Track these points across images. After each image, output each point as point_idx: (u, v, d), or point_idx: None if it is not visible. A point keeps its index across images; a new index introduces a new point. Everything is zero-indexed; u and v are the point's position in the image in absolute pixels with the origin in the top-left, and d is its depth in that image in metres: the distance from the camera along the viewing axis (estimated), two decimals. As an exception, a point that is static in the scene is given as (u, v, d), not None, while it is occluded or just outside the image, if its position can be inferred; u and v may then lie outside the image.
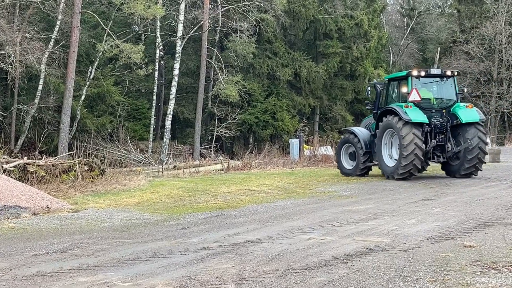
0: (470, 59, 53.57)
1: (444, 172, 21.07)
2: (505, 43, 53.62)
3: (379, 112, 21.19)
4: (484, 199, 14.98)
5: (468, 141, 19.30)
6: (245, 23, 38.95)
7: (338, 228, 11.20)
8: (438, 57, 56.93)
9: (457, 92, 20.65)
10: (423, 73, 20.30)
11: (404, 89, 20.38)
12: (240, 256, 8.88)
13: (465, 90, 26.41)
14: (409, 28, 59.10)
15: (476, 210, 13.17)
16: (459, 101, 20.50)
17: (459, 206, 13.85)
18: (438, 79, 20.82)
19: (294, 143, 35.31)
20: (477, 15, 56.26)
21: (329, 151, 35.05)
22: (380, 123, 20.55)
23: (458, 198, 15.36)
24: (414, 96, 19.62)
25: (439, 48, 57.24)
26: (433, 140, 19.66)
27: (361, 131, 22.18)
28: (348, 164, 22.37)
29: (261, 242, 9.96)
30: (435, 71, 20.81)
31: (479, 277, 7.35)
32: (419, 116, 19.29)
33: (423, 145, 19.29)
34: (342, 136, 22.66)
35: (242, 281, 7.47)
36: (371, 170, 22.40)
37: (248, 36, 39.26)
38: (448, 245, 9.34)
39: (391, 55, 57.53)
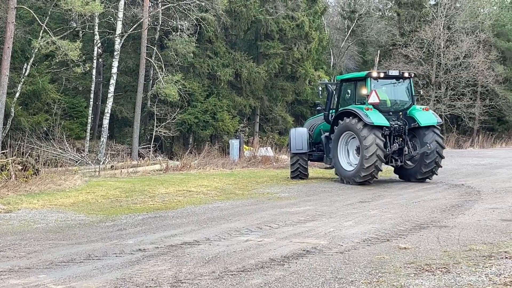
0: (409, 62, 54.40)
1: (398, 176, 20.89)
2: (443, 47, 54.62)
3: (333, 113, 20.91)
4: (421, 202, 15.28)
5: (427, 145, 19.14)
6: (186, 22, 38.71)
7: (276, 230, 11.28)
8: (378, 59, 57.56)
9: (413, 94, 20.46)
10: (382, 74, 20.02)
11: (362, 91, 19.87)
12: (177, 258, 8.88)
13: (421, 92, 26.48)
14: (350, 31, 59.64)
15: (412, 212, 13.43)
16: (415, 103, 20.31)
17: (395, 208, 14.10)
18: (394, 80, 20.57)
19: (234, 143, 35.32)
20: (416, 19, 57.17)
21: (269, 152, 35.16)
22: (335, 126, 20.06)
23: (395, 200, 15.63)
24: (373, 98, 19.33)
25: (379, 51, 57.86)
26: (394, 144, 19.39)
27: (297, 132, 21.86)
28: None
29: (198, 244, 9.97)
30: (393, 72, 20.43)
31: (413, 279, 7.50)
32: (380, 119, 18.89)
33: (384, 148, 18.97)
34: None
35: (178, 283, 7.47)
36: (306, 174, 21.83)
37: (188, 35, 39.04)
38: (384, 247, 9.51)
39: (332, 57, 58.02)
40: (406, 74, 20.36)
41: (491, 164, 26.93)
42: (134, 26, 36.96)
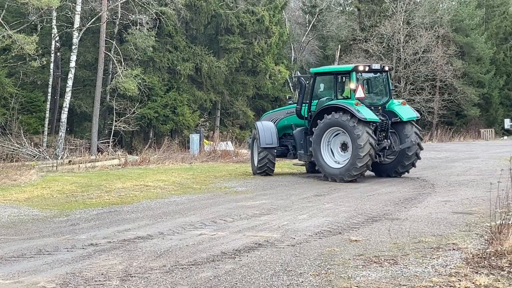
0: (369, 57, 54.82)
1: (374, 172, 20.01)
2: (402, 42, 55.22)
3: (307, 108, 20.00)
4: (375, 195, 15.45)
5: (410, 140, 18.87)
6: (145, 15, 38.59)
7: (230, 224, 11.33)
8: (338, 54, 57.99)
9: (391, 88, 20.07)
10: (367, 68, 19.39)
11: (348, 85, 19.01)
12: (129, 253, 8.88)
13: (399, 85, 25.65)
14: (311, 25, 59.94)
15: (366, 205, 13.58)
16: (392, 97, 19.92)
17: (350, 202, 14.25)
18: (372, 74, 20.10)
19: (194, 138, 35.36)
20: (376, 14, 57.69)
21: (230, 146, 35.24)
22: (319, 121, 18.88)
23: (350, 194, 15.78)
24: (360, 93, 18.72)
25: (339, 46, 58.26)
26: (385, 140, 18.95)
27: (264, 126, 20.94)
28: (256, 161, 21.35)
29: (151, 238, 9.98)
30: (375, 66, 19.76)
31: (360, 270, 7.62)
32: (371, 114, 18.26)
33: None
34: (253, 131, 21.56)
35: (128, 277, 7.47)
36: (273, 170, 21.16)
37: (148, 29, 38.88)
38: (335, 240, 9.62)
39: (293, 52, 58.21)
40: (386, 68, 19.92)
41: (447, 158, 27.37)
42: (93, 20, 36.71)
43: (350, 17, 62.16)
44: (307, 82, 20.64)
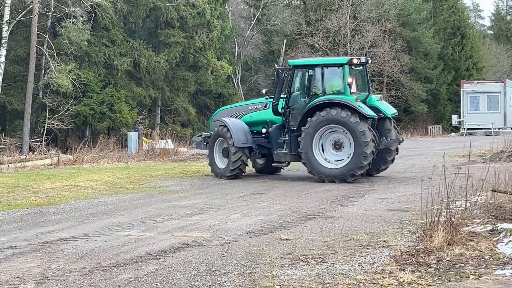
0: (315, 52, 55.18)
1: None
2: (349, 37, 55.76)
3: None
4: (312, 193, 15.65)
5: (396, 136, 18.75)
6: (79, 8, 38.15)
7: (160, 224, 11.36)
8: (284, 49, 58.33)
9: (369, 82, 19.84)
10: (359, 61, 18.86)
11: (345, 79, 18.13)
12: (49, 255, 8.83)
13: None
14: (255, 19, 60.04)
15: (302, 203, 13.75)
16: (371, 92, 19.59)
17: (286, 200, 14.42)
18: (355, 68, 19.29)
19: (132, 136, 35.07)
20: (322, 8, 58.11)
21: (170, 144, 35.12)
22: (310, 118, 17.96)
23: (287, 192, 15.95)
24: (354, 88, 18.30)
25: (285, 40, 58.57)
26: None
27: (235, 123, 19.40)
28: (221, 163, 19.58)
29: (75, 240, 9.94)
30: (363, 59, 19.28)
31: (286, 269, 7.74)
32: (369, 110, 17.90)
33: None
34: (214, 130, 19.91)
35: (44, 280, 7.45)
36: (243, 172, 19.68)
37: (82, 23, 38.43)
38: (266, 239, 9.74)
39: (236, 46, 58.22)
40: (369, 61, 19.76)
41: (391, 155, 27.74)
42: (23, 13, 36.19)
43: (296, 10, 62.50)
44: (285, 75, 19.43)
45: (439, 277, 7.20)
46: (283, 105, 18.91)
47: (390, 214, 11.97)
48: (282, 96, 19.09)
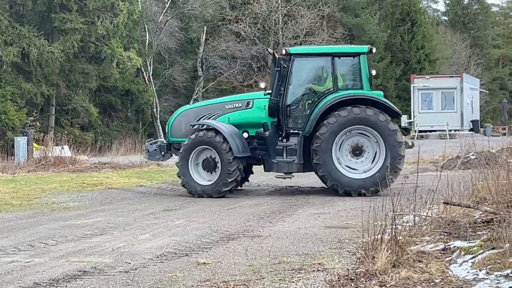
0: (241, 41, 55.43)
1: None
2: (281, 23, 56.15)
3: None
4: (237, 208, 15.73)
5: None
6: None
7: (52, 248, 11.20)
8: (204, 37, 58.30)
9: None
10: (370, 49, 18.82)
11: (369, 71, 18.38)
12: None
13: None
14: (169, 2, 59.76)
15: (224, 221, 13.79)
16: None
17: (206, 217, 14.43)
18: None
19: (21, 142, 34.53)
20: (248, -10, 58.39)
21: (66, 152, 34.68)
22: (327, 120, 17.59)
23: (208, 207, 15.97)
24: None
25: (205, 27, 58.51)
26: None
27: (227, 127, 18.30)
28: (201, 178, 18.28)
29: None
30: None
31: (203, 299, 7.73)
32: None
33: None
34: (191, 136, 18.19)
35: None
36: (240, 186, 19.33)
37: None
38: (180, 263, 9.70)
39: (148, 34, 57.80)
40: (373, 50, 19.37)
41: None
42: None
43: (218, -7, 62.57)
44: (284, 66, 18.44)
45: (382, 305, 7.31)
46: (279, 104, 18.28)
47: (327, 232, 12.09)
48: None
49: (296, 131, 18.16)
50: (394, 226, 9.43)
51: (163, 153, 19.22)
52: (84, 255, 10.51)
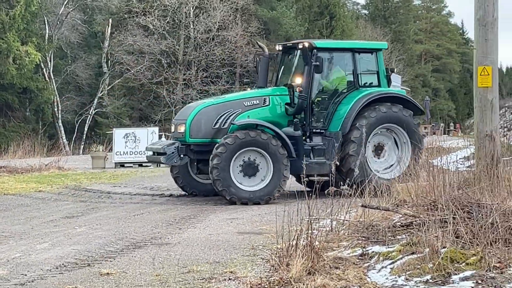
0: (149, 35, 55.23)
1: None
2: (192, 16, 56.07)
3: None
4: (145, 214, 15.69)
5: None
6: None
7: None
8: (109, 31, 57.97)
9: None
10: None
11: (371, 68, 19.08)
12: None
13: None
14: (71, -8, 59.40)
15: (130, 227, 13.74)
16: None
17: (110, 224, 14.35)
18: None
19: None
20: (157, -20, 58.22)
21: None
22: (366, 115, 18.00)
23: (113, 214, 15.90)
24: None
25: (110, 20, 58.21)
26: None
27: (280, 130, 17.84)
28: (244, 183, 17.32)
29: None
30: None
31: (105, 312, 7.68)
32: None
33: None
34: (238, 135, 17.14)
35: None
36: None
37: None
38: (81, 274, 9.61)
39: (47, 27, 57.13)
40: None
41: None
42: None
43: (124, -18, 62.25)
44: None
45: (296, 315, 7.37)
46: (301, 102, 17.98)
47: (240, 238, 12.14)
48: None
49: (319, 130, 18.27)
50: (310, 231, 9.51)
51: (181, 155, 17.67)
52: (-24, 267, 10.33)
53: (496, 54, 14.17)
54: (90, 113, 58.19)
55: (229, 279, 9.07)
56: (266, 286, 8.41)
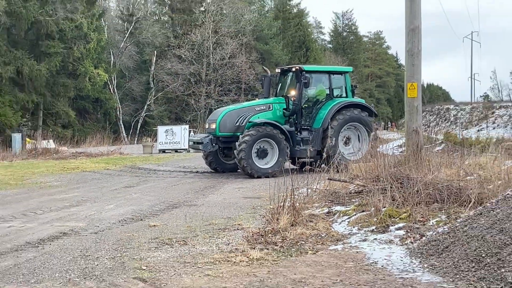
0: (182, 62, 55.09)
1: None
2: (211, 49, 55.95)
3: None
4: (179, 185, 15.63)
5: None
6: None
7: (40, 216, 10.94)
8: (154, 59, 57.80)
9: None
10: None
11: (340, 84, 19.09)
12: None
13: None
14: (128, 32, 59.00)
15: (169, 194, 13.70)
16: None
17: (156, 191, 14.30)
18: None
19: (16, 137, 33.71)
20: (188, 23, 58.04)
21: (51, 144, 34.08)
22: (338, 116, 18.04)
23: (158, 184, 15.85)
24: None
25: (155, 51, 58.06)
26: None
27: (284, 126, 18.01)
28: (259, 163, 17.34)
29: (-41, 233, 9.41)
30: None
31: (153, 252, 7.66)
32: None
33: None
34: (259, 130, 17.33)
35: None
36: None
37: (-33, 34, 36.51)
38: (136, 226, 9.60)
39: (112, 56, 57.03)
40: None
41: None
42: None
43: (164, 25, 62.07)
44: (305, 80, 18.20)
45: (283, 254, 7.36)
46: (294, 107, 18.25)
47: (245, 201, 12.14)
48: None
49: (306, 127, 18.30)
50: (292, 196, 9.53)
51: (213, 144, 17.89)
52: (64, 221, 10.29)
53: (420, 74, 14.15)
54: (141, 115, 58.01)
55: (237, 229, 9.08)
56: (263, 234, 8.41)
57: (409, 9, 14.19)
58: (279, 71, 19.70)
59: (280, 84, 19.49)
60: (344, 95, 18.94)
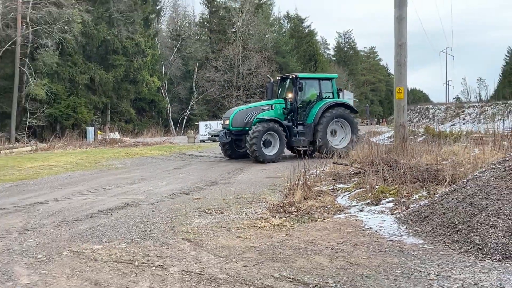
0: (217, 72, 55.08)
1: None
2: (241, 61, 55.82)
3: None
4: (216, 167, 15.63)
5: None
6: (50, 40, 36.54)
7: (109, 190, 11.04)
8: (196, 69, 57.83)
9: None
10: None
11: (329, 88, 18.64)
12: (28, 214, 8.45)
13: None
14: (176, 48, 59.11)
15: (209, 174, 13.72)
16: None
17: (198, 172, 14.34)
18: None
19: (90, 130, 34.05)
20: (222, 41, 57.94)
21: (117, 135, 34.32)
22: (326, 114, 17.67)
23: (199, 167, 15.87)
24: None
25: (197, 63, 58.09)
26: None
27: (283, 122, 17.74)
28: (267, 151, 17.07)
29: (47, 203, 9.54)
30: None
31: (196, 218, 7.70)
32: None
33: None
34: (264, 125, 17.04)
35: (25, 231, 7.13)
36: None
37: (53, 50, 36.88)
38: (183, 199, 9.64)
39: (163, 67, 57.17)
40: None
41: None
42: (9, 43, 34.31)
43: (204, 43, 61.96)
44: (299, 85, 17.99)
45: (298, 221, 7.35)
46: (292, 107, 17.99)
47: (267, 180, 12.12)
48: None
49: (301, 122, 18.01)
50: (305, 176, 9.50)
51: (227, 137, 17.77)
52: (128, 194, 10.38)
53: (406, 81, 13.97)
54: (186, 113, 58.08)
55: (262, 202, 9.06)
56: (281, 205, 8.39)
57: (398, 29, 14.01)
58: (279, 78, 19.41)
59: (280, 88, 19.22)
60: (331, 96, 18.56)
